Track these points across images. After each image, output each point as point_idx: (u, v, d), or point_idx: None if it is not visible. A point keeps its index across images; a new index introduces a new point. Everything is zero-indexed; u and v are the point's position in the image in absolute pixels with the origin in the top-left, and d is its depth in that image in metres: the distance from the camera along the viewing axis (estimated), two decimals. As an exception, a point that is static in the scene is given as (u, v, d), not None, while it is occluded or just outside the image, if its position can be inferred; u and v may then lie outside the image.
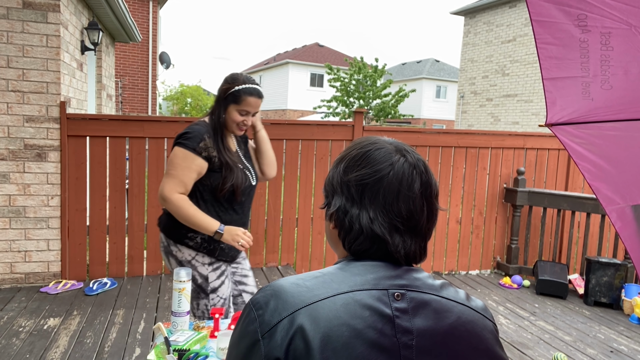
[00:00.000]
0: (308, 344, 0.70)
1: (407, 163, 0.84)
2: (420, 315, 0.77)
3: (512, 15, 15.97)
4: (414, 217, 0.82)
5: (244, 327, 0.77)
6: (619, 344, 3.45)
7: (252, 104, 2.01)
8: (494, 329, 0.84)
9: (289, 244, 4.69)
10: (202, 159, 1.98)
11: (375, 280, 0.78)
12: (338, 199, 0.85)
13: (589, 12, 1.12)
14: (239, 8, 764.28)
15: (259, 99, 2.04)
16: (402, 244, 0.82)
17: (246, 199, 2.17)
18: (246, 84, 2.02)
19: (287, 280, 0.79)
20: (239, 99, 2.00)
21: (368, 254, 0.83)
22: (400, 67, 37.78)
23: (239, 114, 2.01)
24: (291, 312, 0.73)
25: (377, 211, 0.81)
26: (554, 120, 1.31)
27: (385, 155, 0.84)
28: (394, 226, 0.82)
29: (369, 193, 0.82)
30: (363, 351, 0.71)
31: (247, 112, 2.02)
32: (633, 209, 1.35)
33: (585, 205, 4.51)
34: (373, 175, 0.83)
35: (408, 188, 0.82)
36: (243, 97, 2.00)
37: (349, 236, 0.84)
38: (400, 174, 0.82)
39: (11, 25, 3.87)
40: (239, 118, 2.02)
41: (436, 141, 4.90)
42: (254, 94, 2.02)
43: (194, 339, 1.66)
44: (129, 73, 13.21)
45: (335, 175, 0.87)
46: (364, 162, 0.84)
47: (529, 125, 15.14)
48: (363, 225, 0.82)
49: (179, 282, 1.78)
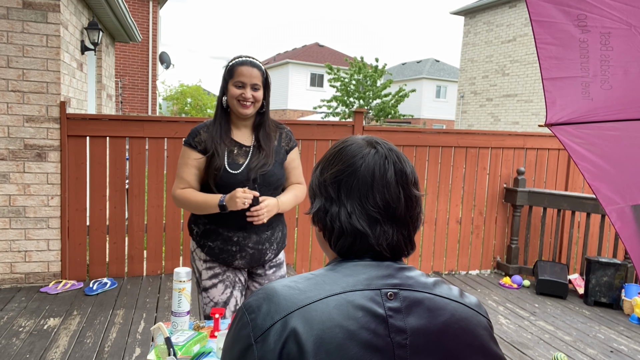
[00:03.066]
0: (301, 347, 0.70)
1: (377, 154, 0.85)
2: (413, 314, 0.77)
3: (512, 15, 15.97)
4: (391, 206, 0.83)
5: (237, 331, 0.76)
6: (619, 344, 3.45)
7: (245, 73, 1.96)
8: (488, 325, 0.84)
9: (289, 244, 4.69)
10: (197, 152, 1.99)
11: (368, 281, 0.78)
12: (318, 201, 0.87)
13: (588, 12, 1.12)
14: (239, 8, 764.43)
15: (252, 67, 1.97)
16: (383, 235, 0.83)
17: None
18: (238, 58, 2.01)
19: (280, 282, 0.79)
20: (233, 72, 1.98)
21: (353, 251, 0.84)
22: (400, 67, 37.79)
23: (235, 87, 1.97)
24: (284, 315, 0.73)
25: (354, 205, 0.83)
26: (554, 120, 1.31)
27: (356, 149, 0.86)
28: (372, 217, 0.82)
29: (344, 189, 0.84)
30: (357, 352, 0.71)
31: (243, 84, 1.96)
32: (633, 209, 1.35)
33: (585, 205, 4.51)
34: (346, 171, 0.84)
35: (381, 177, 0.83)
36: (234, 68, 1.98)
37: (333, 235, 0.85)
38: (372, 165, 0.84)
39: (11, 25, 3.87)
40: (236, 92, 1.96)
41: (436, 141, 4.90)
42: (245, 63, 1.98)
43: (194, 339, 1.66)
44: (129, 73, 13.21)
45: (313, 179, 0.90)
46: (336, 160, 0.87)
47: (529, 125, 15.14)
48: (342, 222, 0.83)
49: (179, 282, 1.79)
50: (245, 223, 1.97)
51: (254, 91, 1.98)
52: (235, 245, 2.02)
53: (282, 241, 2.21)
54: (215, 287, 2.06)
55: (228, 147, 2.00)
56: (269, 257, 2.13)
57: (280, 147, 2.11)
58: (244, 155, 2.02)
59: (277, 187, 2.08)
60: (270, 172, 2.03)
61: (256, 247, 2.05)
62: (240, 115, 2.00)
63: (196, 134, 2.01)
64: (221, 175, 1.96)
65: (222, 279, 2.07)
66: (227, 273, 2.07)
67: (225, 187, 1.96)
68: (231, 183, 1.95)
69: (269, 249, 2.11)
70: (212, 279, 2.06)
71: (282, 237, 2.21)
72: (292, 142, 2.17)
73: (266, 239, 2.08)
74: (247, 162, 2.00)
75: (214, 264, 2.07)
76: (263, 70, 2.02)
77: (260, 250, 2.07)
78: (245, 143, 2.05)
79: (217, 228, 2.02)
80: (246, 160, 2.01)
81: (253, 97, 1.97)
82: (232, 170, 1.97)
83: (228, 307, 2.07)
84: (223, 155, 1.97)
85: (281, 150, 2.12)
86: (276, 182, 2.07)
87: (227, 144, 2.00)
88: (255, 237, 2.04)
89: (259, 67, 2.00)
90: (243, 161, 2.01)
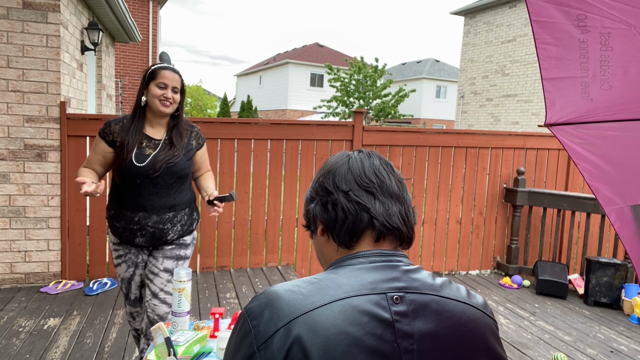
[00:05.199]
0: (306, 354, 0.69)
1: (362, 153, 0.93)
2: (420, 317, 0.75)
3: (512, 15, 15.96)
4: (385, 183, 0.88)
5: (240, 338, 0.75)
6: (619, 344, 3.45)
7: (168, 77, 2.21)
8: (495, 326, 0.84)
9: (289, 244, 4.69)
10: (104, 142, 2.25)
11: (373, 284, 0.77)
12: (316, 205, 0.90)
13: (588, 12, 1.12)
14: (239, 8, 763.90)
15: (174, 73, 2.24)
16: (382, 207, 0.85)
17: (145, 183, 2.22)
18: (161, 64, 2.28)
19: (282, 287, 0.78)
20: (155, 74, 2.22)
21: (357, 233, 0.85)
22: (400, 67, 37.77)
23: (158, 87, 2.20)
24: (287, 321, 0.72)
25: (351, 184, 0.87)
26: (554, 120, 1.31)
27: (341, 154, 0.95)
28: (369, 192, 0.86)
29: (338, 177, 0.89)
30: (363, 359, 0.70)
31: (165, 85, 2.20)
32: (632, 209, 1.35)
33: (585, 205, 4.51)
34: (336, 165, 0.91)
35: (370, 165, 0.90)
36: (158, 71, 2.22)
37: (336, 222, 0.86)
38: (359, 159, 0.91)
39: (11, 25, 3.87)
40: (158, 92, 2.20)
41: (436, 141, 4.90)
42: (167, 68, 2.24)
43: (194, 339, 1.66)
44: (129, 73, 13.21)
45: (307, 195, 0.95)
46: (325, 166, 0.94)
47: (529, 125, 15.13)
48: (342, 202, 0.86)
49: (179, 282, 1.79)
50: (146, 204, 2.25)
51: (174, 93, 2.24)
52: (136, 224, 2.25)
53: (189, 224, 2.41)
54: (120, 266, 2.37)
55: (138, 141, 2.23)
56: (171, 237, 2.33)
57: (190, 144, 2.36)
58: (153, 148, 2.25)
59: (180, 177, 2.31)
60: (177, 165, 2.27)
61: (156, 226, 2.27)
62: (160, 112, 2.24)
63: (107, 126, 2.26)
64: (126, 165, 2.19)
65: (124, 259, 2.35)
66: (129, 255, 2.35)
67: (129, 176, 2.21)
68: (134, 172, 2.20)
69: (170, 229, 2.31)
70: (117, 259, 2.37)
71: (189, 221, 2.40)
72: (201, 139, 2.44)
73: (168, 220, 2.30)
74: (155, 154, 2.24)
75: (119, 247, 2.35)
76: (182, 78, 2.31)
77: (161, 230, 2.28)
78: (156, 137, 2.29)
79: (122, 210, 2.27)
80: (154, 152, 2.25)
81: (173, 98, 2.23)
82: (137, 162, 2.20)
83: (134, 281, 2.38)
84: (132, 148, 2.21)
85: (191, 146, 2.36)
86: (179, 172, 2.29)
87: (138, 138, 2.23)
88: (155, 217, 2.26)
89: (179, 74, 2.28)
90: (151, 152, 2.24)
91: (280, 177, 4.61)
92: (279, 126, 4.58)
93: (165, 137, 2.30)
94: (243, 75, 37.04)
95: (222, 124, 4.43)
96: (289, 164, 4.62)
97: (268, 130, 4.51)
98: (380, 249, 0.85)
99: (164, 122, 2.31)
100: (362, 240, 0.85)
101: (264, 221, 4.61)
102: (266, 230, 4.63)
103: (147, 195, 2.24)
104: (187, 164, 2.33)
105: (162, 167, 2.22)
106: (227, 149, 4.43)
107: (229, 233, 4.54)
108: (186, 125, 2.39)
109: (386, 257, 0.83)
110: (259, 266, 4.65)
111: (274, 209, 4.62)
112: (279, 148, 4.59)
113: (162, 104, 2.22)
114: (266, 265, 4.68)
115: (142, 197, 2.24)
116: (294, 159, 4.63)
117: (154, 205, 2.25)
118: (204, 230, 4.45)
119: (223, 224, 4.50)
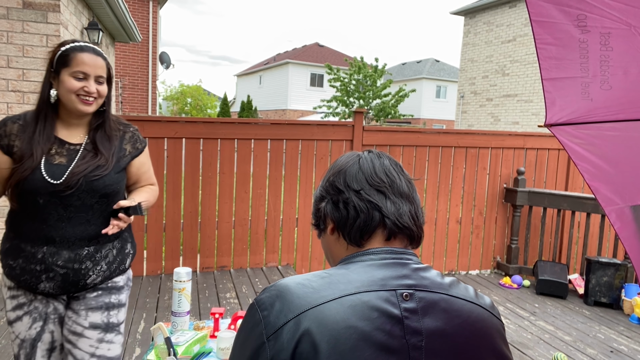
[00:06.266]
0: (315, 347, 0.69)
1: (371, 153, 0.94)
2: (429, 315, 0.76)
3: (512, 15, 15.97)
4: (395, 182, 0.89)
5: (250, 328, 0.76)
6: (619, 344, 3.45)
7: (89, 62, 1.58)
8: (501, 327, 0.84)
9: (289, 244, 4.70)
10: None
11: (383, 281, 0.78)
12: (327, 204, 0.91)
13: (588, 12, 1.12)
14: (239, 8, 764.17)
15: (97, 56, 1.61)
16: (393, 206, 0.86)
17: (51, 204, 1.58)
18: (75, 43, 1.61)
19: (293, 280, 0.78)
20: (69, 60, 1.57)
21: (368, 231, 0.85)
22: (400, 67, 37.78)
23: (74, 78, 1.57)
24: (297, 314, 0.72)
25: (362, 183, 0.88)
26: (553, 120, 1.31)
27: (350, 154, 0.96)
28: (380, 192, 0.87)
29: (349, 177, 0.89)
30: (371, 354, 0.71)
31: (86, 75, 1.58)
32: (632, 209, 1.35)
33: (585, 205, 4.51)
34: (347, 165, 0.92)
35: (380, 164, 0.91)
36: (72, 55, 1.57)
37: (348, 221, 0.86)
38: (369, 159, 0.92)
39: (11, 25, 3.88)
40: (76, 84, 1.57)
41: (436, 141, 4.90)
42: (86, 49, 1.59)
43: (194, 339, 1.66)
44: (129, 73, 13.22)
45: (316, 193, 0.96)
46: (334, 167, 0.94)
47: (529, 125, 15.14)
48: (354, 201, 0.87)
49: (179, 282, 1.79)
50: (54, 235, 1.59)
51: (98, 84, 1.62)
52: (40, 263, 1.59)
53: (119, 261, 1.75)
54: (20, 321, 1.65)
55: (48, 147, 1.60)
56: (93, 281, 1.67)
57: (123, 150, 1.74)
58: (67, 156, 1.62)
59: (105, 195, 1.65)
60: (101, 179, 1.63)
61: (69, 265, 1.61)
62: (79, 112, 1.62)
63: (2, 125, 1.61)
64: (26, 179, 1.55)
65: (27, 310, 1.65)
66: (35, 303, 1.66)
67: (28, 195, 1.57)
68: (34, 189, 1.56)
69: (91, 270, 1.66)
70: (17, 310, 1.65)
71: (119, 257, 1.75)
72: (139, 142, 1.79)
73: (86, 256, 1.64)
74: (72, 166, 1.60)
75: (19, 292, 1.66)
76: (107, 61, 1.68)
77: (76, 271, 1.63)
78: (72, 141, 1.66)
79: (20, 243, 1.61)
80: (69, 161, 1.61)
81: (98, 91, 1.62)
82: (49, 177, 1.57)
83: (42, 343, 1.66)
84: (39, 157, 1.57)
85: (123, 152, 1.73)
86: (104, 189, 1.64)
87: (46, 144, 1.60)
88: (67, 254, 1.61)
89: (103, 56, 1.65)
90: (62, 162, 1.61)
91: (280, 177, 4.61)
92: (279, 126, 4.58)
93: (86, 140, 1.67)
94: (243, 75, 37.06)
95: (222, 124, 4.43)
96: (289, 164, 4.62)
97: (268, 130, 4.51)
98: (391, 247, 0.86)
99: (84, 122, 1.69)
100: (372, 239, 0.86)
101: (264, 221, 4.61)
102: (266, 230, 4.63)
103: (54, 222, 1.59)
104: (117, 177, 1.68)
105: (79, 183, 1.58)
106: (227, 149, 4.43)
107: (229, 233, 4.54)
108: (117, 124, 1.76)
109: (396, 255, 0.84)
110: (259, 266, 4.65)
111: (274, 208, 4.63)
112: (279, 148, 4.59)
113: (82, 101, 1.59)
114: (266, 265, 4.68)
115: (47, 225, 1.58)
116: (294, 159, 4.63)
117: (66, 236, 1.60)
118: (204, 230, 4.45)
119: (223, 224, 4.50)
